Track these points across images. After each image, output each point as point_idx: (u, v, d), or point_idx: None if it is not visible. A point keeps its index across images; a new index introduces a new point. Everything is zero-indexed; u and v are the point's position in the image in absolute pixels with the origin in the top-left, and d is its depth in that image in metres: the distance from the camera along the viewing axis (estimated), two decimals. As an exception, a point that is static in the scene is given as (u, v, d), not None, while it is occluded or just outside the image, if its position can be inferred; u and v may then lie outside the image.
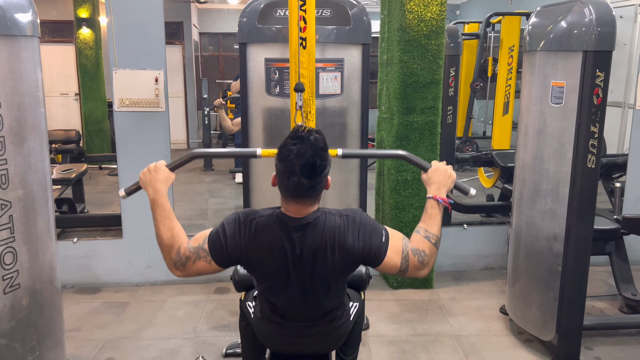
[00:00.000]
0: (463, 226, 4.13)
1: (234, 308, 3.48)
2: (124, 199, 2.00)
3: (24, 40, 2.22)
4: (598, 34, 2.55)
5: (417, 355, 3.00)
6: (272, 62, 2.99)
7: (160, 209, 1.80)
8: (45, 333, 2.43)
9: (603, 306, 3.55)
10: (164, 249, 1.77)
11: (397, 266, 1.74)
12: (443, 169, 1.92)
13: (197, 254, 1.75)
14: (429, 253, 1.77)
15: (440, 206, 1.85)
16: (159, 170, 1.87)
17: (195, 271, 1.76)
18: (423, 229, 1.81)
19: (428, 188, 1.90)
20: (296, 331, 1.87)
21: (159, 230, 1.78)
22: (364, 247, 1.72)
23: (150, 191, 1.84)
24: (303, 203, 1.71)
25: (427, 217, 1.84)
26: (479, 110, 7.91)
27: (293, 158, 1.64)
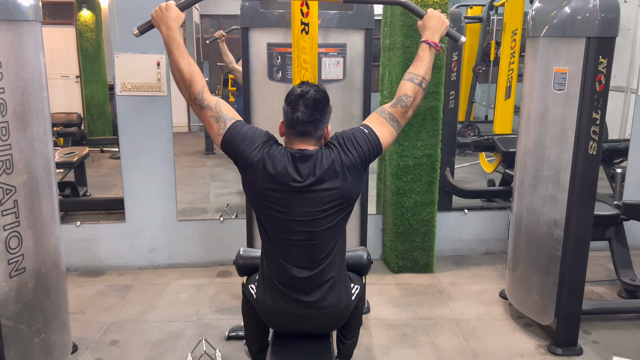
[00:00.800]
0: (464, 211, 4.16)
1: (237, 291, 3.52)
2: (136, 36, 2.07)
3: (26, 25, 2.22)
4: (602, 20, 2.54)
5: (418, 338, 3.04)
6: (274, 47, 2.97)
7: (176, 43, 1.92)
8: (51, 316, 2.47)
9: (602, 291, 3.58)
10: (183, 82, 1.91)
11: (393, 131, 1.96)
12: (437, 16, 2.05)
13: (218, 116, 1.90)
14: (412, 94, 1.97)
15: (432, 50, 2.01)
16: (170, 8, 1.95)
17: (205, 122, 1.91)
18: (408, 73, 2.00)
19: (422, 33, 2.06)
20: (296, 292, 1.91)
21: (178, 63, 1.90)
22: (359, 153, 1.88)
23: (164, 28, 1.94)
24: (305, 141, 1.88)
25: (417, 59, 2.02)
26: (480, 94, 7.88)
27: (297, 95, 1.85)
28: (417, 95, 1.98)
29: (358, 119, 3.13)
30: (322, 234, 1.89)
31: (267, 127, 3.21)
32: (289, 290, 1.92)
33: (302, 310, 1.94)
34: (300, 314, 1.95)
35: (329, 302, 1.94)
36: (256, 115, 3.09)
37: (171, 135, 3.74)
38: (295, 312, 1.94)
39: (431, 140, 3.67)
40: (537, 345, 2.97)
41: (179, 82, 1.92)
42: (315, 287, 1.92)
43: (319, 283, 1.91)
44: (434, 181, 3.74)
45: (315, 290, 1.92)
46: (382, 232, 4.07)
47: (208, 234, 3.95)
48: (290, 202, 1.85)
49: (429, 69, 2.02)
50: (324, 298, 1.93)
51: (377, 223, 4.04)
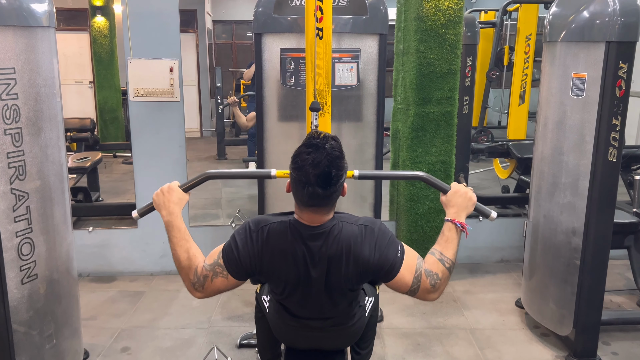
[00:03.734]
0: (478, 218, 4.09)
1: (249, 298, 3.49)
2: (136, 219, 1.98)
3: (40, 31, 2.22)
4: (622, 24, 2.49)
5: (432, 348, 2.99)
6: (287, 52, 2.96)
7: (176, 230, 1.77)
8: (62, 322, 2.46)
9: (621, 300, 3.51)
10: (182, 271, 1.75)
11: (409, 285, 1.70)
12: (463, 192, 1.84)
13: (213, 270, 1.72)
14: (442, 277, 1.71)
15: (459, 230, 1.79)
16: (172, 191, 1.84)
17: (215, 289, 1.73)
18: (438, 252, 1.76)
19: (447, 210, 1.84)
20: (311, 329, 1.86)
21: (175, 253, 1.75)
22: (379, 259, 1.68)
23: (165, 213, 1.81)
24: (318, 212, 1.67)
25: (444, 240, 1.78)
26: (494, 99, 7.82)
27: (308, 168, 1.58)
28: (444, 281, 1.73)
29: (372, 124, 3.11)
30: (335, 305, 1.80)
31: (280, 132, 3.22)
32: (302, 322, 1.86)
33: (316, 333, 1.88)
34: (313, 336, 1.89)
35: (344, 325, 1.88)
36: (269, 121, 3.07)
37: (183, 140, 3.74)
38: (308, 334, 1.88)
39: (445, 147, 3.62)
40: (554, 356, 2.91)
41: (178, 269, 1.76)
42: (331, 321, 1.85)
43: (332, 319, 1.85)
44: (448, 188, 3.68)
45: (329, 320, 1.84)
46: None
47: (220, 240, 3.86)
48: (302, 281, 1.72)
49: (456, 252, 1.79)
50: (338, 322, 1.87)
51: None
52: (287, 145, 3.08)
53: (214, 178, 2.02)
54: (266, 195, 3.29)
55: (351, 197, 3.15)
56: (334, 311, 1.82)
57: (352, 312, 1.89)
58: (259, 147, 3.21)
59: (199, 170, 7.23)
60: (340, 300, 1.79)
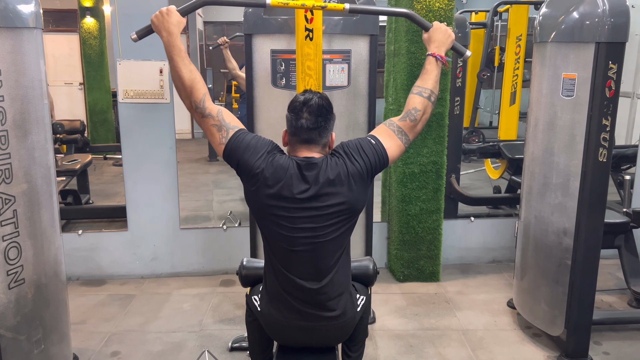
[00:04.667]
0: (470, 219, 4.10)
1: (240, 301, 3.47)
2: (135, 41, 2.02)
3: (27, 32, 2.19)
4: (611, 25, 2.50)
5: (424, 349, 2.98)
6: (278, 53, 2.94)
7: (177, 49, 1.86)
8: (51, 327, 2.42)
9: (612, 300, 3.52)
10: (184, 89, 1.85)
11: (401, 145, 1.92)
12: (444, 29, 2.03)
13: (220, 125, 1.85)
14: (421, 107, 1.94)
15: (439, 63, 1.98)
16: (171, 13, 1.91)
17: (207, 130, 1.86)
18: (417, 87, 1.97)
19: (428, 46, 2.02)
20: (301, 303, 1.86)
21: (179, 70, 1.84)
22: (365, 163, 1.84)
23: (164, 34, 1.89)
24: (310, 148, 1.84)
25: (424, 72, 1.99)
26: (485, 100, 7.84)
27: (300, 102, 1.82)
28: (426, 109, 1.95)
29: (363, 126, 3.09)
30: (326, 245, 1.84)
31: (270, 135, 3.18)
32: (294, 301, 1.88)
33: (306, 323, 1.89)
34: (305, 327, 1.90)
35: (334, 314, 1.90)
36: (259, 122, 3.05)
37: (174, 142, 3.71)
38: (300, 324, 1.90)
39: (437, 147, 3.62)
40: (546, 356, 2.91)
41: (180, 90, 1.87)
42: (320, 300, 1.87)
43: (323, 295, 1.87)
44: (440, 188, 3.69)
45: (320, 302, 1.87)
46: (387, 240, 4.02)
47: (211, 243, 3.90)
48: (294, 212, 1.81)
49: (437, 82, 1.99)
50: (329, 309, 1.89)
51: (382, 231, 3.99)
52: (278, 146, 3.06)
53: (210, 4, 2.16)
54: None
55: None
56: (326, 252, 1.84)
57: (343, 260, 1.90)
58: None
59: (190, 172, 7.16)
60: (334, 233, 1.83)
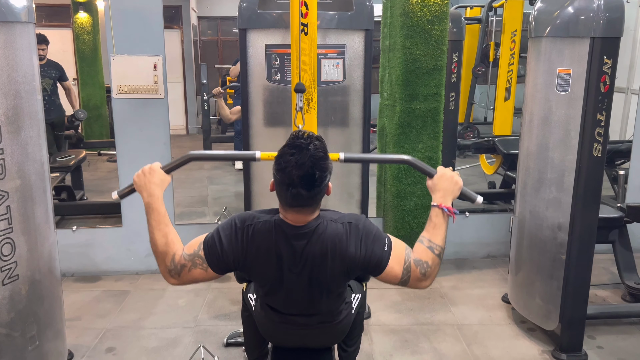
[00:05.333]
0: (465, 214, 4.11)
1: (235, 297, 3.47)
2: (117, 201, 1.96)
3: (19, 26, 2.17)
4: (606, 19, 2.50)
5: (419, 344, 2.99)
6: (273, 48, 2.93)
7: (155, 213, 1.73)
8: (45, 323, 2.41)
9: (606, 295, 3.53)
10: (158, 256, 1.71)
11: (399, 277, 1.69)
12: (449, 176, 1.81)
13: (192, 261, 1.69)
14: (432, 265, 1.71)
15: (445, 215, 1.76)
16: (154, 172, 1.81)
17: (191, 279, 1.71)
18: (427, 239, 1.74)
19: (433, 195, 1.81)
20: (297, 327, 1.85)
21: (153, 236, 1.71)
22: (366, 255, 1.68)
23: (145, 195, 1.77)
24: (302, 212, 1.66)
25: (432, 226, 1.76)
26: (480, 95, 7.84)
27: (291, 169, 1.57)
28: (434, 268, 1.72)
29: (358, 121, 3.09)
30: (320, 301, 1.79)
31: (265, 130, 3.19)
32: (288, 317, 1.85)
33: (302, 330, 1.86)
34: (299, 333, 1.88)
35: (330, 322, 1.88)
36: (254, 117, 3.04)
37: (168, 137, 3.69)
38: (295, 331, 1.87)
39: (432, 143, 3.62)
40: (541, 350, 2.92)
41: (154, 253, 1.73)
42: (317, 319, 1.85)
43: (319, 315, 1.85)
44: (434, 184, 3.68)
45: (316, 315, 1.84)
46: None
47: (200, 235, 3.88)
48: (284, 280, 1.72)
49: (445, 237, 1.77)
50: (324, 322, 1.86)
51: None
52: (272, 142, 3.05)
53: (197, 159, 1.99)
54: (252, 193, 3.26)
55: (338, 193, 3.14)
56: (320, 308, 1.81)
57: (339, 309, 1.88)
58: (245, 143, 3.18)
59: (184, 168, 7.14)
60: (326, 298, 1.78)
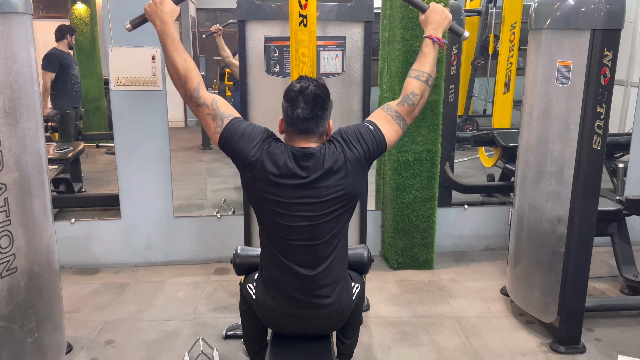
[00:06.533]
0: (464, 207, 4.11)
1: (234, 289, 3.47)
2: (129, 31, 2.00)
3: (16, 17, 2.15)
4: (607, 11, 2.49)
5: (418, 336, 2.99)
6: (271, 40, 2.91)
7: (171, 38, 1.84)
8: (44, 315, 2.41)
9: (604, 287, 3.54)
10: (179, 79, 1.84)
11: (398, 129, 1.91)
12: (440, 10, 2.00)
13: (215, 114, 1.85)
14: (419, 92, 1.92)
15: (436, 45, 1.96)
16: (164, 2, 1.88)
17: (202, 119, 1.87)
18: (414, 69, 1.95)
19: (425, 28, 2.00)
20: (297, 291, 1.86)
21: (173, 59, 1.83)
22: (364, 149, 1.84)
23: (158, 23, 1.86)
24: (306, 138, 1.81)
25: (421, 55, 1.96)
26: (479, 88, 7.83)
27: (296, 91, 1.78)
28: (424, 93, 1.94)
29: (357, 113, 3.07)
30: (323, 233, 1.83)
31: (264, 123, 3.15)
32: (290, 289, 1.87)
33: (302, 311, 1.89)
34: (300, 314, 1.90)
35: (330, 302, 1.90)
36: (253, 110, 3.03)
37: (167, 130, 3.68)
38: (295, 312, 1.90)
39: (431, 135, 3.62)
40: (539, 343, 2.93)
41: (174, 79, 1.87)
42: (317, 287, 1.87)
43: (320, 283, 1.87)
44: (434, 177, 3.68)
45: (316, 290, 1.87)
46: (381, 228, 4.02)
47: (205, 231, 3.89)
48: (292, 200, 1.80)
49: (434, 65, 1.97)
50: (325, 297, 1.89)
51: (376, 219, 3.99)
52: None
53: None
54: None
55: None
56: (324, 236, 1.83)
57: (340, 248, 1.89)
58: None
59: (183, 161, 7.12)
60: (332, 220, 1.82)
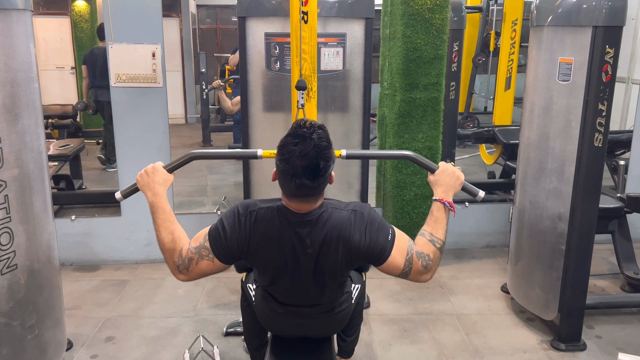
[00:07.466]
0: (464, 204, 4.10)
1: (234, 286, 3.47)
2: (120, 201, 1.93)
3: (15, 14, 2.14)
4: (609, 8, 2.48)
5: (419, 334, 2.99)
6: (272, 36, 2.91)
7: (160, 212, 1.72)
8: (45, 312, 2.41)
9: (605, 285, 3.54)
10: (166, 253, 1.70)
11: (400, 268, 1.70)
12: (451, 171, 1.83)
13: (199, 253, 1.68)
14: (433, 258, 1.71)
15: (447, 210, 1.78)
16: (156, 172, 1.79)
17: (199, 272, 1.69)
18: (428, 233, 1.75)
19: (435, 190, 1.82)
20: (298, 317, 1.85)
21: (159, 234, 1.70)
22: (370, 243, 1.68)
23: (149, 194, 1.76)
24: (306, 201, 1.66)
25: (433, 220, 1.77)
26: (480, 85, 7.82)
27: (295, 160, 1.56)
28: (435, 262, 1.73)
29: (358, 110, 3.07)
30: (323, 292, 1.80)
31: (264, 120, 3.17)
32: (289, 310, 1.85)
33: (302, 320, 1.87)
34: (300, 322, 1.88)
35: (330, 312, 1.89)
36: (253, 106, 3.02)
37: (167, 127, 3.68)
38: (296, 321, 1.88)
39: (432, 132, 3.61)
40: (540, 340, 2.93)
41: (162, 251, 1.72)
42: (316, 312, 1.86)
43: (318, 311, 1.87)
44: (434, 174, 3.67)
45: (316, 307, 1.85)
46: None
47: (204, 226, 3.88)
48: (290, 267, 1.72)
49: (446, 231, 1.79)
50: (326, 312, 1.87)
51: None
52: (272, 131, 3.04)
53: (199, 158, 1.97)
54: (252, 182, 3.26)
55: (338, 183, 3.13)
56: (321, 298, 1.81)
57: (340, 299, 1.88)
58: (244, 133, 3.16)
59: (183, 157, 6.99)
60: (328, 287, 1.78)
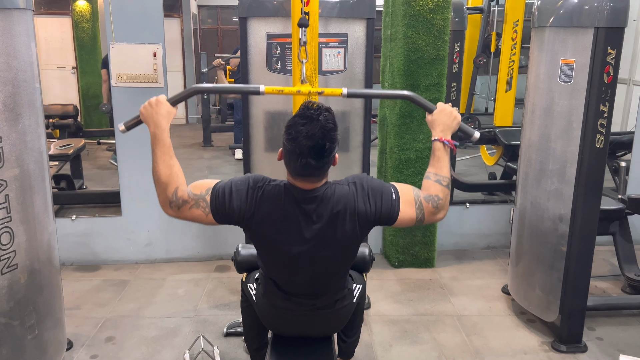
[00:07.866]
0: (465, 205, 4.10)
1: (235, 286, 3.47)
2: (123, 133, 1.96)
3: (17, 13, 2.14)
4: (610, 9, 2.48)
5: (419, 335, 2.99)
6: (273, 37, 2.90)
7: (161, 144, 1.75)
8: (45, 312, 2.41)
9: (606, 286, 3.53)
10: (159, 186, 1.73)
11: (414, 217, 1.76)
12: (448, 111, 1.88)
13: (196, 201, 1.72)
14: (442, 196, 1.79)
15: (447, 148, 1.84)
16: (160, 104, 1.80)
17: (189, 216, 1.74)
18: (433, 173, 1.82)
19: (433, 130, 1.88)
20: (299, 311, 1.85)
21: (157, 166, 1.73)
22: (376, 209, 1.74)
23: (152, 126, 1.79)
24: (310, 180, 1.71)
25: (435, 160, 1.84)
26: (481, 86, 7.82)
27: (302, 139, 1.61)
28: (446, 199, 1.80)
29: (359, 111, 3.06)
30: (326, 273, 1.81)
31: (265, 121, 3.16)
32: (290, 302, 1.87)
33: (303, 318, 1.88)
34: (301, 320, 1.89)
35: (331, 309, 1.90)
36: (254, 107, 3.02)
37: (168, 127, 3.67)
38: (296, 318, 1.88)
39: (433, 133, 3.60)
40: (540, 341, 2.92)
41: (155, 185, 1.75)
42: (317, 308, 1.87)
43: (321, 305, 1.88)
44: (435, 175, 3.67)
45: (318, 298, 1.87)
46: (382, 226, 4.00)
47: (206, 228, 3.88)
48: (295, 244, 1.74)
49: (449, 168, 1.86)
50: (327, 308, 1.89)
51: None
52: (273, 131, 3.03)
53: (201, 92, 2.11)
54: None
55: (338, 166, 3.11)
56: (325, 284, 1.82)
57: (341, 292, 1.89)
58: (245, 133, 3.16)
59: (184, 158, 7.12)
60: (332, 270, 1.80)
